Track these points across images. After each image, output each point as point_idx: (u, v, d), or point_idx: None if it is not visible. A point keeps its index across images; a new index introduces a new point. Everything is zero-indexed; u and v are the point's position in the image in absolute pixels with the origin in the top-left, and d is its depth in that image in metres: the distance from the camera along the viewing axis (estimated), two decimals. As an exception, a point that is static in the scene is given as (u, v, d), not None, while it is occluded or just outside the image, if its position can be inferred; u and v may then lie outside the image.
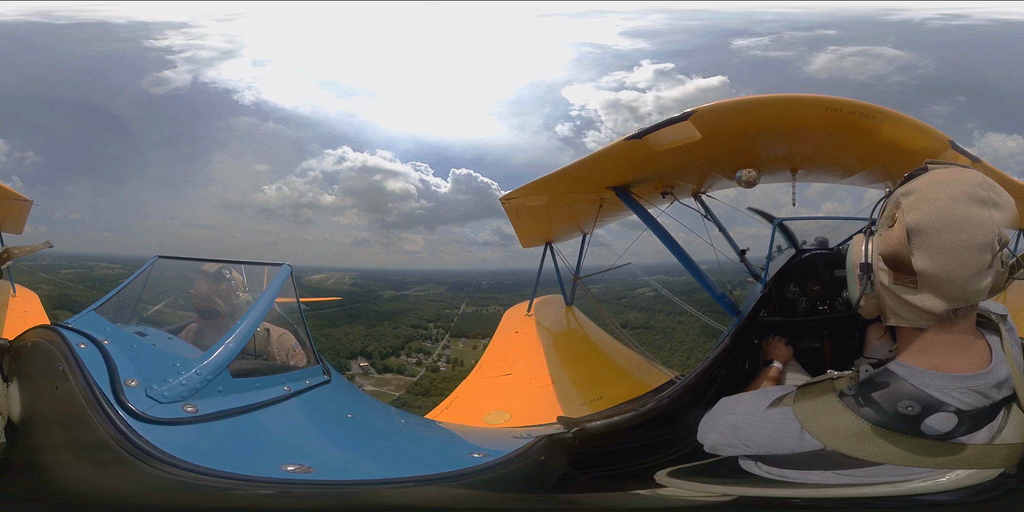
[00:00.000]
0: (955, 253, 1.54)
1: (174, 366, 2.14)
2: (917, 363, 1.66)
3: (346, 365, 17.09)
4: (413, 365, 18.70)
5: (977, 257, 1.53)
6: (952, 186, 1.58)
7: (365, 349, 19.04)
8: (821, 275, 3.40)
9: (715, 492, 1.86)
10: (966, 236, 1.53)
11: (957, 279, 1.56)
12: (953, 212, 1.55)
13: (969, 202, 1.55)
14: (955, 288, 1.58)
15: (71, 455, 1.72)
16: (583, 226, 6.66)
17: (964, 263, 1.54)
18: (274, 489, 1.70)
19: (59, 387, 1.82)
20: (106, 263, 22.38)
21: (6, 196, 6.02)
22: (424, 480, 1.83)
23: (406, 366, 18.74)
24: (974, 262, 1.54)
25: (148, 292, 3.16)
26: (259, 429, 2.19)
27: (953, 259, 1.55)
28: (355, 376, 16.79)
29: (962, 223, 1.54)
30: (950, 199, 1.57)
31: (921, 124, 3.09)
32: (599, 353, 6.42)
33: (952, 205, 1.56)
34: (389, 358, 18.97)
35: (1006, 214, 1.56)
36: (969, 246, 1.53)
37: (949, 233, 1.55)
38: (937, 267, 1.57)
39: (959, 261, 1.54)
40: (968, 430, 1.60)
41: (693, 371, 2.87)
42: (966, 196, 1.56)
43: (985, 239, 1.53)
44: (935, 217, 1.56)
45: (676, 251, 4.25)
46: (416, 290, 26.61)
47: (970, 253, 1.53)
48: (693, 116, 3.20)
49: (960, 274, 1.55)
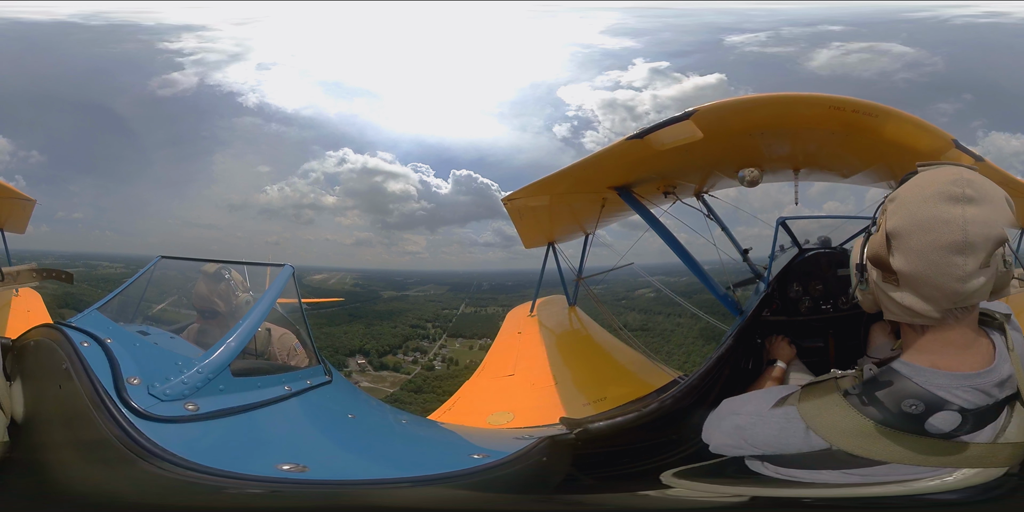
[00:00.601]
0: (926, 253, 1.55)
1: (176, 365, 2.15)
2: (920, 362, 1.66)
3: (344, 362, 17.49)
4: (409, 363, 19.11)
5: (946, 257, 1.53)
6: (925, 187, 1.59)
7: (363, 347, 19.44)
8: (824, 274, 3.39)
9: (724, 492, 1.85)
10: (935, 236, 1.53)
11: (930, 279, 1.56)
12: (923, 213, 1.56)
13: (940, 201, 1.55)
14: (930, 288, 1.58)
15: (75, 453, 1.73)
16: (585, 226, 6.66)
17: (934, 263, 1.54)
18: (267, 488, 1.70)
19: (63, 385, 1.83)
20: (109, 262, 22.43)
21: (9, 196, 6.04)
22: (421, 481, 1.83)
23: (402, 364, 19.12)
24: (944, 262, 1.53)
25: (151, 292, 3.17)
26: (258, 428, 2.20)
27: (924, 259, 1.55)
28: (352, 373, 17.21)
29: (931, 223, 1.54)
30: (922, 200, 1.57)
31: (924, 123, 3.07)
32: (602, 353, 6.42)
33: (923, 206, 1.57)
34: (386, 356, 19.37)
35: (985, 209, 1.53)
36: (938, 246, 1.53)
37: (920, 234, 1.55)
38: (910, 268, 1.58)
39: (929, 261, 1.55)
40: (972, 429, 1.60)
41: (696, 371, 2.85)
42: (937, 195, 1.56)
43: (953, 238, 1.51)
44: (908, 220, 1.58)
45: (679, 251, 4.24)
46: (416, 290, 26.74)
47: (939, 253, 1.53)
48: (695, 115, 3.19)
49: (932, 274, 1.55)
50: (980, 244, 1.52)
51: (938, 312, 1.61)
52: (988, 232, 1.52)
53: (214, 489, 1.65)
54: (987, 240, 1.52)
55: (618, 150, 3.70)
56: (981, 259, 1.53)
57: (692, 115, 3.19)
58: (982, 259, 1.53)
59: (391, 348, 19.91)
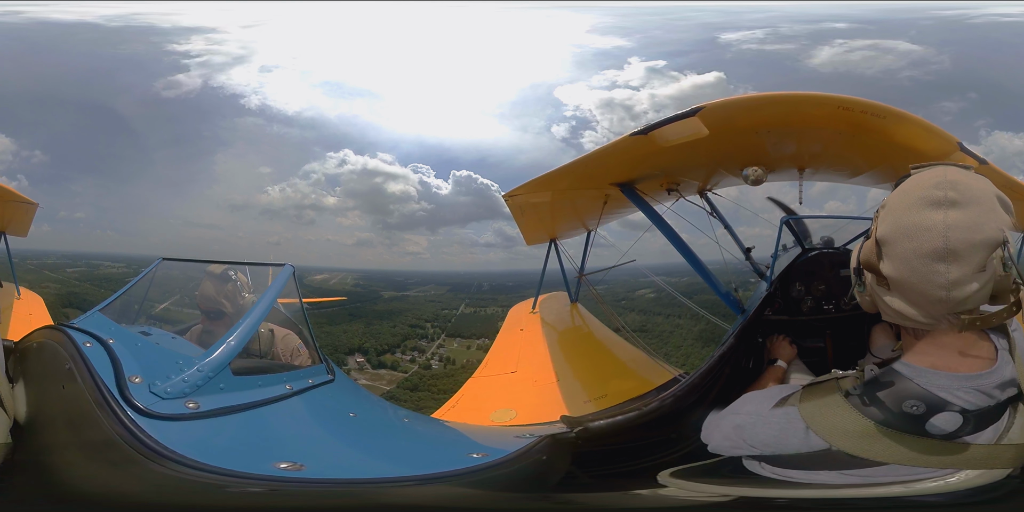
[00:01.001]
0: (909, 261, 1.55)
1: (177, 364, 2.16)
2: (921, 363, 1.66)
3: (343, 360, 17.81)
4: (407, 362, 19.48)
5: (929, 265, 1.52)
6: (910, 192, 1.59)
7: (362, 346, 19.75)
8: (827, 274, 3.38)
9: (717, 492, 1.86)
10: (917, 244, 1.53)
11: (915, 286, 1.56)
12: (906, 219, 1.56)
13: (922, 206, 1.54)
14: (916, 294, 1.58)
15: (79, 452, 1.74)
16: (587, 223, 6.64)
17: (917, 271, 1.54)
18: (263, 486, 1.71)
19: (66, 386, 1.84)
20: (111, 262, 22.56)
21: (11, 199, 6.04)
22: (418, 480, 1.84)
23: (400, 363, 19.46)
24: (927, 270, 1.53)
25: (152, 294, 3.18)
26: (257, 426, 2.21)
27: (908, 266, 1.56)
28: (351, 370, 17.56)
29: (913, 230, 1.54)
30: (906, 207, 1.57)
31: (930, 125, 3.06)
32: (603, 350, 6.42)
33: (907, 212, 1.57)
34: (384, 355, 19.68)
35: (971, 212, 1.51)
36: (920, 254, 1.53)
37: (904, 241, 1.56)
38: (897, 274, 1.59)
39: (912, 268, 1.55)
40: (973, 430, 1.60)
41: (697, 370, 2.85)
42: (920, 201, 1.55)
43: (934, 245, 1.51)
44: (893, 227, 1.58)
45: (681, 248, 4.23)
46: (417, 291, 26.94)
47: (921, 261, 1.53)
48: (701, 112, 3.18)
49: (916, 281, 1.56)
50: (964, 250, 1.50)
51: (926, 317, 1.61)
52: (972, 237, 1.50)
53: (212, 487, 1.67)
54: (971, 245, 1.50)
55: (622, 146, 3.68)
56: (970, 265, 1.51)
57: (698, 112, 3.18)
58: (972, 265, 1.51)
59: (390, 347, 20.24)
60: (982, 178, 1.59)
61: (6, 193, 5.97)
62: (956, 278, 1.51)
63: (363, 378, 17.45)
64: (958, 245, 1.49)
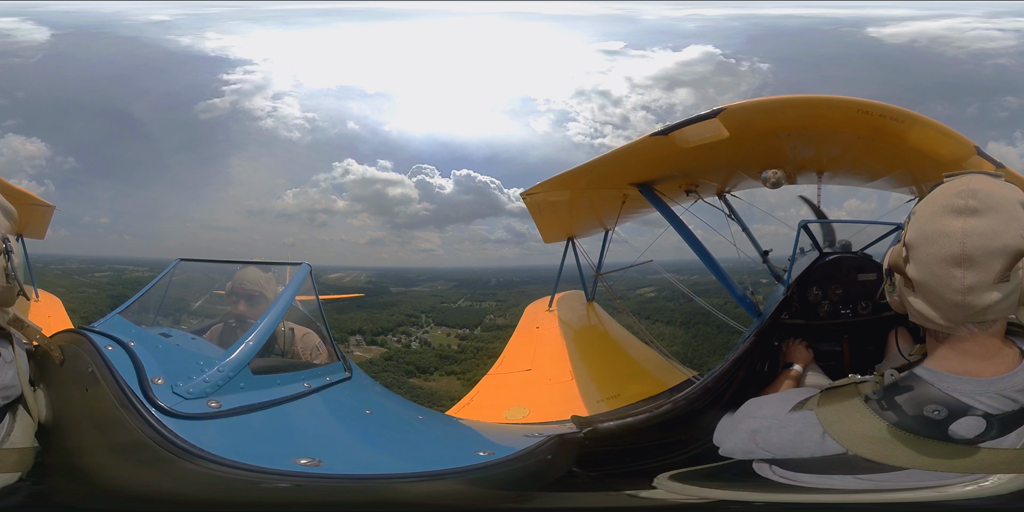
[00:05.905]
0: (929, 264, 1.60)
1: (198, 364, 2.18)
2: (943, 368, 1.66)
3: (345, 339, 20.35)
4: (394, 342, 22.14)
5: (946, 269, 1.57)
6: (935, 200, 1.64)
7: (361, 329, 22.20)
8: (845, 278, 3.35)
9: (724, 496, 1.86)
10: (936, 249, 1.58)
11: (934, 289, 1.61)
12: (929, 226, 1.61)
13: (944, 214, 1.59)
14: (935, 297, 1.62)
15: (109, 454, 1.75)
16: (605, 222, 6.63)
17: (936, 275, 1.59)
18: (284, 481, 1.75)
19: (89, 389, 1.85)
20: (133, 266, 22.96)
21: (28, 202, 6.06)
22: (424, 476, 1.87)
23: (387, 342, 22.12)
24: (944, 274, 1.57)
25: (171, 294, 3.22)
26: (276, 424, 2.23)
27: (928, 270, 1.61)
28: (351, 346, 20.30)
29: (934, 236, 1.59)
30: (930, 214, 1.63)
31: (948, 130, 3.08)
32: (618, 350, 6.40)
33: (930, 220, 1.62)
34: (379, 336, 22.31)
35: (990, 220, 1.55)
36: (939, 258, 1.58)
37: (926, 246, 1.61)
38: (918, 276, 1.64)
39: (932, 273, 1.60)
40: (997, 434, 1.59)
41: (712, 372, 2.85)
42: (942, 208, 1.60)
43: (952, 251, 1.56)
44: (918, 232, 1.64)
45: (699, 250, 4.22)
46: (425, 286, 27.72)
47: (939, 265, 1.58)
48: (722, 114, 3.19)
49: (934, 285, 1.60)
50: (980, 256, 1.54)
51: (945, 320, 1.63)
52: (989, 244, 1.54)
53: (242, 483, 1.70)
54: (988, 252, 1.53)
55: (641, 146, 3.70)
56: (988, 272, 1.54)
57: (719, 113, 3.20)
58: (990, 272, 1.54)
59: (384, 330, 22.68)
60: (1008, 186, 1.62)
61: (22, 196, 5.98)
62: (972, 284, 1.55)
63: (357, 351, 20.29)
64: (975, 251, 1.53)
